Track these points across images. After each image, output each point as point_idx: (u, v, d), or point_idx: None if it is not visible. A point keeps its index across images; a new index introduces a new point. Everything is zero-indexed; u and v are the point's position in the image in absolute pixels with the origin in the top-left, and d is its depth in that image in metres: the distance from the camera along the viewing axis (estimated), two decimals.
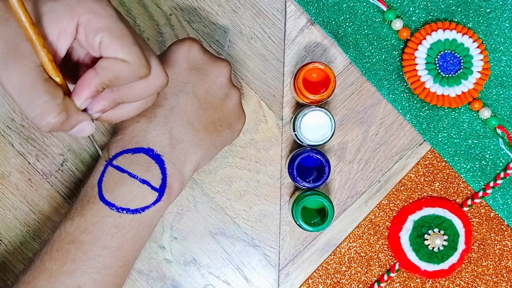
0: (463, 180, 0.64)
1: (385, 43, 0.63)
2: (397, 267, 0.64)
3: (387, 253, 0.64)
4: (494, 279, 0.64)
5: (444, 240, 0.63)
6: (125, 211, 0.49)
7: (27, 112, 0.40)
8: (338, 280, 0.64)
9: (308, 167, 0.61)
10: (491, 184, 0.63)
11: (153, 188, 0.49)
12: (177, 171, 0.50)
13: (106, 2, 0.42)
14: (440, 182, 0.64)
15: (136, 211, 0.49)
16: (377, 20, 0.63)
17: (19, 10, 0.39)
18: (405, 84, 0.63)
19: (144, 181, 0.49)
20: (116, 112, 0.45)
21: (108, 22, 0.41)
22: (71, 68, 0.46)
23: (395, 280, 0.64)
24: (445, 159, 0.64)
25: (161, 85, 0.44)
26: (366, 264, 0.64)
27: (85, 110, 0.43)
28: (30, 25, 0.39)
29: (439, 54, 0.61)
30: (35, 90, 0.40)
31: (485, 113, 0.62)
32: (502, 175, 0.63)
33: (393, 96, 0.63)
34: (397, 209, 0.64)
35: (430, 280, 0.64)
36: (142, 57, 0.42)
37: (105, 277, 0.49)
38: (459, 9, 0.62)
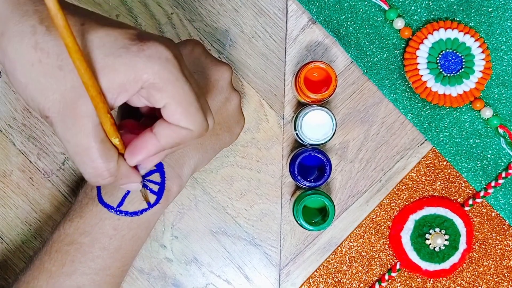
0: (465, 179, 0.64)
1: (386, 42, 0.63)
2: (398, 266, 0.64)
3: (388, 253, 0.64)
4: (496, 279, 0.64)
5: (445, 239, 0.63)
6: (123, 214, 0.49)
7: (80, 168, 0.39)
8: (339, 279, 0.64)
9: (309, 166, 0.61)
10: (493, 183, 0.63)
11: (151, 191, 0.49)
12: (175, 174, 0.50)
13: (173, 62, 0.39)
14: (442, 182, 0.64)
15: (134, 213, 0.49)
16: (378, 19, 0.63)
17: (83, 69, 0.36)
18: (406, 83, 0.63)
19: (143, 185, 0.49)
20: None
21: (174, 89, 0.38)
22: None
23: (396, 279, 0.64)
24: (447, 159, 0.63)
25: (205, 134, 0.43)
26: (367, 263, 0.64)
27: (136, 168, 0.43)
28: (95, 90, 0.36)
29: (441, 53, 0.61)
30: (90, 152, 0.38)
31: (487, 113, 0.62)
32: (503, 174, 0.63)
33: (395, 96, 0.63)
34: (398, 209, 0.64)
35: (431, 279, 0.64)
36: (205, 122, 0.40)
37: (103, 277, 0.49)
38: (461, 8, 0.62)
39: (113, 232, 0.49)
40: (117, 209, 0.48)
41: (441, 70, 0.61)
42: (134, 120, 0.45)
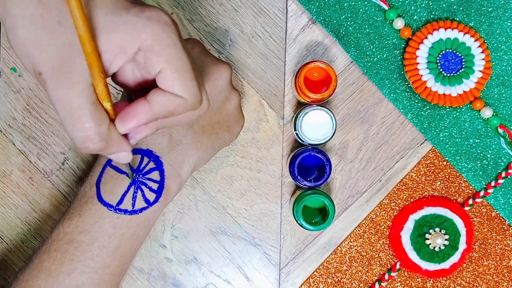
0: (465, 179, 0.64)
1: (386, 42, 0.63)
2: (398, 266, 0.64)
3: (388, 253, 0.64)
4: (495, 279, 0.64)
5: (445, 239, 0.63)
6: (122, 212, 0.49)
7: (69, 131, 0.39)
8: (339, 279, 0.64)
9: (309, 166, 0.61)
10: (493, 183, 0.63)
11: (151, 189, 0.49)
12: (175, 173, 0.50)
13: (172, 28, 0.39)
14: (441, 182, 0.64)
15: (134, 212, 0.49)
16: (378, 19, 0.63)
17: (81, 27, 0.36)
18: (406, 83, 0.63)
19: (142, 183, 0.49)
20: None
21: (172, 53, 0.39)
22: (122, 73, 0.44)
23: (396, 279, 0.64)
24: (447, 159, 0.63)
25: (203, 112, 0.44)
26: (367, 263, 0.64)
27: (126, 138, 0.42)
28: (91, 46, 0.36)
29: (441, 53, 0.61)
30: (81, 114, 0.38)
31: (487, 113, 0.62)
32: (503, 174, 0.63)
33: (395, 95, 0.63)
34: (398, 209, 0.64)
35: (431, 279, 0.64)
36: (198, 92, 0.41)
37: (103, 276, 0.49)
38: (461, 8, 0.62)
39: (112, 230, 0.49)
40: (117, 207, 0.48)
41: (441, 70, 0.61)
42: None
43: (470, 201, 0.63)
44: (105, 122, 0.39)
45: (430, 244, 0.63)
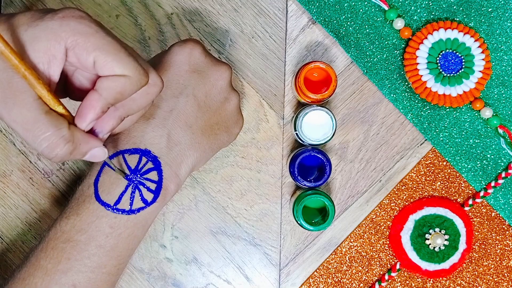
0: (464, 179, 0.64)
1: (386, 42, 0.63)
2: (398, 266, 0.64)
3: (388, 253, 0.64)
4: (495, 279, 0.64)
5: (445, 239, 0.63)
6: (120, 212, 0.49)
7: (35, 146, 0.40)
8: (339, 279, 0.64)
9: (309, 166, 0.61)
10: (493, 183, 0.63)
11: (149, 189, 0.49)
12: (173, 173, 0.50)
13: (89, 19, 0.41)
14: (441, 182, 0.64)
15: (131, 211, 0.49)
16: (378, 19, 0.63)
17: (3, 48, 0.37)
18: (406, 83, 0.63)
19: (140, 183, 0.49)
20: (120, 125, 0.45)
21: (97, 40, 0.40)
22: (76, 87, 0.46)
23: (396, 279, 0.64)
24: (446, 159, 0.63)
25: (160, 90, 0.45)
26: (367, 263, 0.64)
27: (95, 134, 0.43)
28: (19, 61, 0.38)
29: (441, 54, 0.61)
30: (39, 125, 0.39)
31: (487, 113, 0.62)
32: (503, 174, 0.63)
33: (395, 96, 0.63)
34: (398, 209, 0.64)
35: (431, 279, 0.64)
36: (139, 67, 0.42)
37: (99, 275, 0.49)
38: (461, 8, 0.62)
39: (109, 230, 0.49)
40: (114, 207, 0.48)
41: (441, 70, 0.61)
42: None
43: (470, 201, 0.64)
44: (64, 125, 0.40)
45: (430, 244, 0.63)
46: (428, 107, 0.63)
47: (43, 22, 0.40)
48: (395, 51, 0.63)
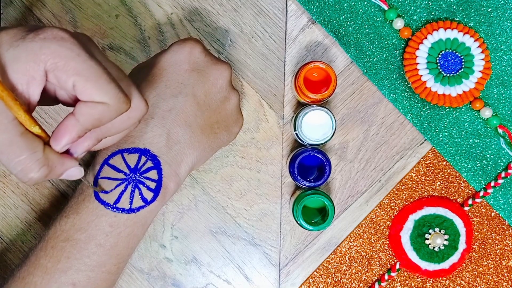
0: (464, 179, 0.64)
1: (386, 42, 0.63)
2: (397, 266, 0.64)
3: (387, 253, 0.64)
4: (495, 279, 0.64)
5: (445, 239, 0.63)
6: (120, 211, 0.49)
7: (9, 168, 0.40)
8: (339, 279, 0.64)
9: (309, 166, 0.61)
10: (492, 183, 0.63)
11: (148, 188, 0.49)
12: (172, 172, 0.50)
13: (71, 41, 0.40)
14: (441, 182, 0.64)
15: (131, 210, 0.49)
16: (378, 19, 0.63)
17: None
18: (406, 83, 0.63)
19: (139, 182, 0.49)
20: (99, 144, 0.45)
21: (77, 64, 0.39)
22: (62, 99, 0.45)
23: (396, 279, 0.64)
24: (446, 159, 0.64)
25: (142, 115, 0.44)
26: (366, 263, 0.64)
27: (70, 154, 0.43)
28: (2, 90, 0.38)
29: (440, 54, 0.61)
30: (13, 148, 0.39)
31: (486, 113, 0.62)
32: (503, 174, 0.63)
33: (394, 96, 0.63)
34: (398, 209, 0.64)
35: (431, 279, 0.64)
36: (120, 94, 0.40)
37: (99, 274, 0.49)
38: (460, 8, 0.62)
39: (109, 229, 0.49)
40: (114, 206, 0.48)
41: (440, 70, 0.61)
42: None
43: (470, 201, 0.64)
44: (38, 148, 0.40)
45: (429, 244, 0.63)
46: (427, 107, 0.63)
47: (24, 43, 0.39)
48: (395, 51, 0.63)
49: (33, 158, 0.40)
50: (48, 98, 0.44)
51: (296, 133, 0.59)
